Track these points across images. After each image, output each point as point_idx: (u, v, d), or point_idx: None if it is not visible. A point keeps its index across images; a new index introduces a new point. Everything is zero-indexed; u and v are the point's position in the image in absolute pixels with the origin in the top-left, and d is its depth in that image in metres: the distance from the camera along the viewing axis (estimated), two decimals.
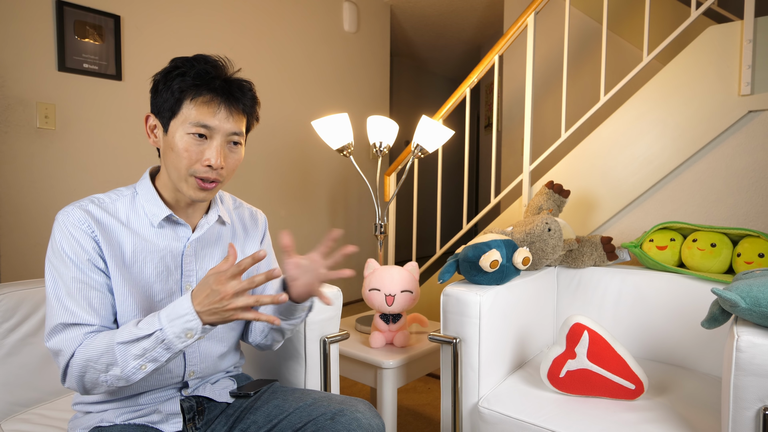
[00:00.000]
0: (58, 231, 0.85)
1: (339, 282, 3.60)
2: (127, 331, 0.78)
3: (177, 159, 0.87)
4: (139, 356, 0.77)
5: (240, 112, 0.90)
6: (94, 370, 0.79)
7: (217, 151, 0.87)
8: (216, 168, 0.87)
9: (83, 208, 0.87)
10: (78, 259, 0.83)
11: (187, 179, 0.88)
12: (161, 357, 0.78)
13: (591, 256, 1.53)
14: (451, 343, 1.24)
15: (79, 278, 0.83)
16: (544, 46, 3.01)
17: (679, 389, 1.20)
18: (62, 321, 0.81)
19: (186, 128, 0.86)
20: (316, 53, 3.32)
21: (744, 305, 0.86)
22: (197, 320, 0.77)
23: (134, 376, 0.79)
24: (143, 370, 0.79)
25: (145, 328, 0.78)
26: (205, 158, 0.87)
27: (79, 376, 0.80)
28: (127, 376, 0.78)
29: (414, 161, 2.11)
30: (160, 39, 2.43)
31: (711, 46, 1.67)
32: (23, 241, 2.02)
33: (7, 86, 1.96)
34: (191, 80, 0.85)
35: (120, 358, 0.77)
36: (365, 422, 0.89)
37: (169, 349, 0.78)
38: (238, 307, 0.77)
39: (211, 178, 0.88)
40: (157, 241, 0.91)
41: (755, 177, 1.61)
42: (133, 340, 0.77)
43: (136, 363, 0.78)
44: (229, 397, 1.00)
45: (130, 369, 0.78)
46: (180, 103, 0.86)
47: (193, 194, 0.89)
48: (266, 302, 0.79)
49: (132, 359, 0.77)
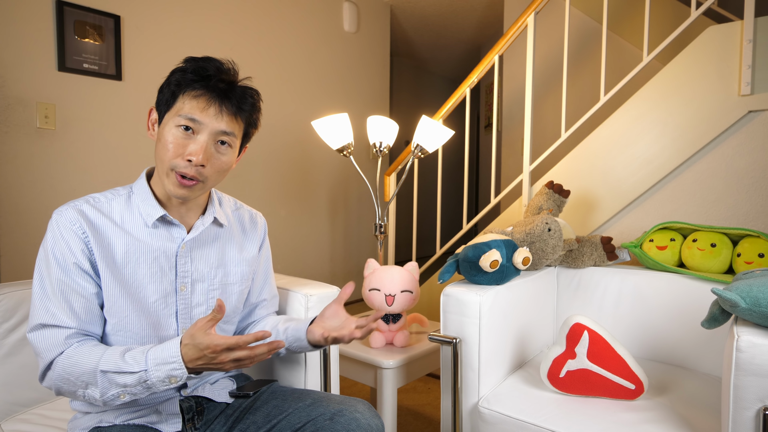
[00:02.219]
0: (50, 231, 0.85)
1: (339, 282, 3.60)
2: (113, 362, 0.79)
3: (162, 150, 0.87)
4: (119, 386, 0.79)
5: (232, 114, 0.89)
6: (73, 384, 0.80)
7: (200, 146, 0.86)
8: (196, 165, 0.86)
9: (77, 208, 0.87)
10: (65, 261, 0.84)
11: (168, 173, 0.87)
12: (141, 394, 0.80)
13: (591, 256, 1.53)
14: (451, 343, 1.24)
15: (63, 281, 0.84)
16: (544, 46, 3.00)
17: (679, 389, 1.20)
18: (41, 321, 0.82)
19: (176, 120, 0.86)
20: (316, 53, 3.32)
21: (744, 305, 0.86)
22: (183, 370, 0.79)
23: (112, 402, 0.80)
24: (121, 399, 0.80)
25: (131, 364, 0.78)
26: (188, 152, 0.85)
27: (57, 385, 0.82)
28: (105, 401, 0.80)
29: (414, 161, 2.11)
30: (160, 39, 2.43)
31: (711, 46, 1.66)
32: (23, 241, 2.02)
33: (7, 86, 1.96)
34: (190, 75, 0.86)
35: (100, 383, 0.79)
36: (364, 422, 0.89)
37: (149, 389, 0.80)
38: (231, 359, 0.79)
39: (190, 175, 0.86)
40: (150, 242, 0.91)
41: (755, 177, 1.61)
42: (116, 372, 0.78)
43: (115, 392, 0.79)
44: (229, 398, 1.00)
45: (109, 396, 0.79)
46: (175, 97, 0.87)
47: (173, 190, 0.88)
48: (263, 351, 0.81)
49: (112, 388, 0.79)
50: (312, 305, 1.16)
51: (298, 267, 3.28)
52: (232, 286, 1.01)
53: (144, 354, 0.79)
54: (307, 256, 3.36)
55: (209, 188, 0.93)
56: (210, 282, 0.97)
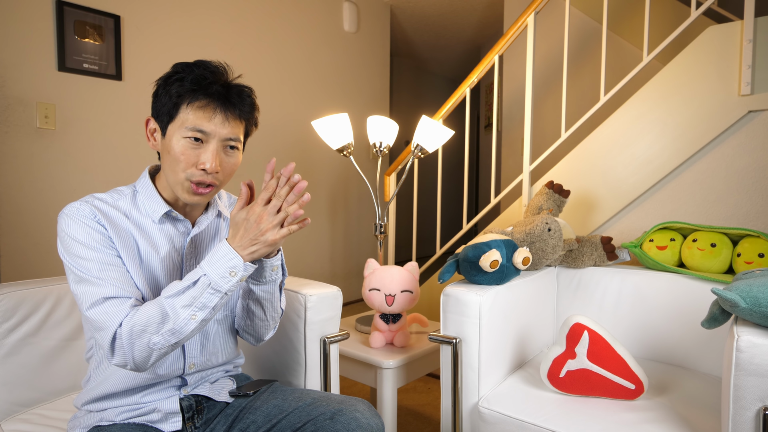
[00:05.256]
0: (71, 223, 0.84)
1: (339, 282, 3.60)
2: (173, 286, 0.82)
3: (174, 163, 0.88)
4: (188, 305, 0.80)
5: (236, 118, 0.91)
6: (145, 332, 0.79)
7: (212, 155, 0.88)
8: (211, 172, 0.88)
9: (91, 203, 0.88)
10: (97, 243, 0.84)
11: (183, 183, 0.89)
12: (209, 302, 0.81)
13: (591, 256, 1.53)
14: (451, 343, 1.24)
15: (103, 260, 0.84)
16: (544, 46, 3.01)
17: (679, 389, 1.20)
18: (104, 295, 0.81)
19: (182, 132, 0.87)
20: (316, 53, 3.32)
21: (744, 305, 0.86)
22: (238, 257, 0.81)
23: (186, 326, 0.80)
24: (194, 320, 0.81)
25: (190, 278, 0.82)
26: (201, 162, 0.88)
27: (129, 344, 0.79)
28: (180, 327, 0.80)
29: (414, 161, 2.11)
30: (160, 39, 2.43)
31: (711, 46, 1.66)
32: (23, 241, 2.02)
33: (7, 86, 1.96)
34: (189, 85, 0.86)
35: (170, 311, 0.80)
36: (364, 422, 0.89)
37: (216, 292, 0.81)
38: (275, 224, 0.82)
39: (207, 182, 0.89)
40: (159, 237, 0.93)
41: (755, 177, 1.61)
42: (179, 291, 0.81)
43: (186, 313, 0.80)
44: (229, 397, 1.00)
45: (182, 320, 0.80)
46: (177, 108, 0.87)
47: (188, 198, 0.90)
48: (286, 194, 0.83)
49: (182, 309, 0.80)
50: (312, 305, 1.16)
51: (298, 267, 3.28)
52: None
53: (198, 267, 0.83)
54: (307, 256, 3.36)
55: (220, 189, 0.96)
56: None
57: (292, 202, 0.84)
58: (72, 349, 1.22)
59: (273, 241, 0.83)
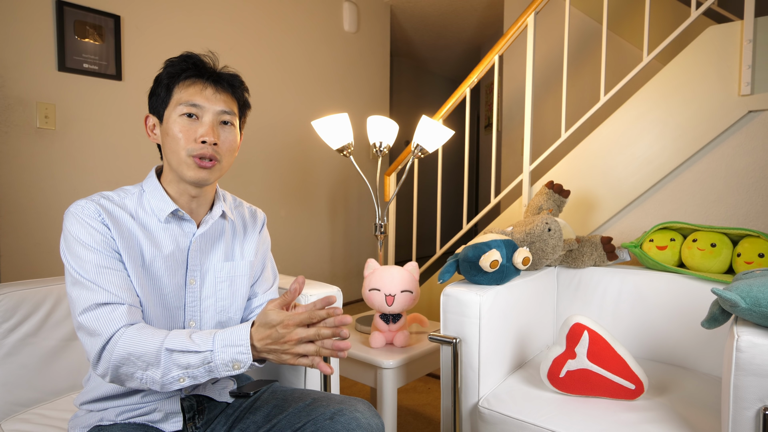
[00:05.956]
0: (74, 222, 0.85)
1: (339, 282, 3.60)
2: (179, 341, 0.79)
3: (173, 142, 0.90)
4: (182, 368, 0.78)
5: (227, 92, 0.94)
6: (134, 365, 0.79)
7: (208, 126, 0.90)
8: (210, 144, 0.90)
9: (96, 202, 0.88)
10: (98, 245, 0.84)
11: (186, 160, 0.90)
12: (201, 377, 0.80)
13: (591, 256, 1.53)
14: (451, 343, 1.24)
15: (101, 263, 0.84)
16: (544, 46, 3.01)
17: (679, 389, 1.20)
18: (96, 301, 0.81)
19: (177, 111, 0.90)
20: (316, 53, 3.32)
21: (744, 305, 0.86)
22: (249, 355, 0.79)
23: (171, 385, 0.79)
24: (181, 383, 0.79)
25: (198, 344, 0.79)
26: (199, 135, 0.89)
27: (115, 366, 0.79)
28: (165, 383, 0.79)
29: (414, 161, 2.11)
30: (160, 39, 2.43)
31: (711, 46, 1.66)
32: (23, 241, 2.02)
33: (7, 86, 1.96)
34: (178, 65, 0.91)
35: (164, 363, 0.78)
36: (364, 422, 0.89)
37: (211, 373, 0.79)
38: (299, 353, 0.78)
39: (208, 155, 0.90)
40: (165, 237, 0.93)
41: (755, 177, 1.61)
42: (182, 351, 0.78)
43: (177, 374, 0.79)
44: (229, 397, 1.00)
45: (169, 378, 0.79)
46: (170, 91, 0.91)
47: (194, 175, 0.91)
48: (327, 334, 0.78)
49: (174, 369, 0.78)
50: None
51: (298, 267, 3.28)
52: (239, 278, 1.02)
53: (212, 336, 0.80)
54: (307, 256, 3.36)
55: (225, 170, 0.96)
56: (217, 275, 0.98)
57: (326, 336, 0.79)
58: (72, 349, 1.21)
59: (285, 362, 0.80)
